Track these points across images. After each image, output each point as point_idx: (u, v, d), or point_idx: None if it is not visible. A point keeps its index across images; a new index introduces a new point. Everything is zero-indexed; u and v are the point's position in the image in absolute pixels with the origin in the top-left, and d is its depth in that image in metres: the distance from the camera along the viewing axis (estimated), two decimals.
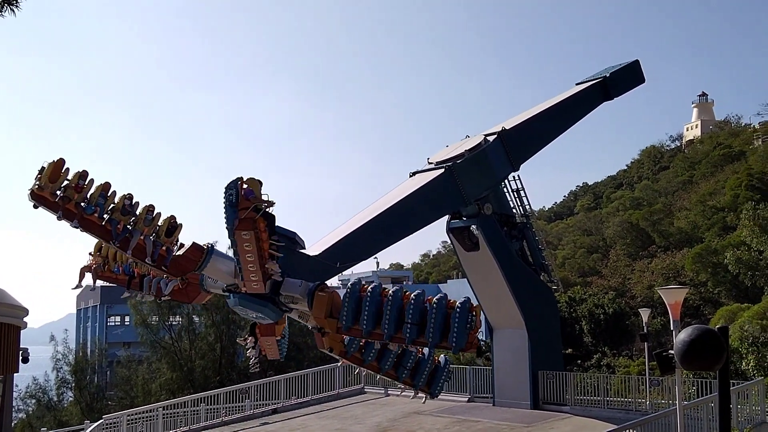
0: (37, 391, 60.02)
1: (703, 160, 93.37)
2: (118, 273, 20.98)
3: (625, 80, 33.23)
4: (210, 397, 34.14)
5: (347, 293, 15.75)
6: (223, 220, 15.29)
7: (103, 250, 20.49)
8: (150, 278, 20.60)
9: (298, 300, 17.19)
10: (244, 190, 15.12)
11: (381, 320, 15.29)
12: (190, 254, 17.59)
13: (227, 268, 17.79)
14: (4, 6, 8.65)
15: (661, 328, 55.03)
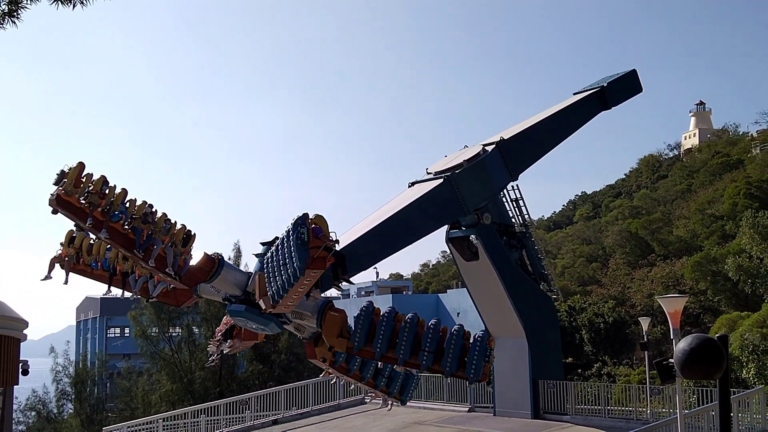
0: (37, 403, 59.97)
1: (701, 168, 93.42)
2: (96, 268, 19.37)
3: (622, 90, 33.33)
4: (210, 409, 34.11)
5: (361, 315, 16.39)
6: (287, 255, 15.12)
7: (76, 240, 18.98)
8: (135, 277, 19.25)
9: (306, 316, 17.30)
10: (313, 229, 15.10)
11: (395, 344, 15.93)
12: (203, 265, 17.54)
13: (235, 279, 17.85)
14: (5, 18, 8.69)
15: (661, 337, 54.92)
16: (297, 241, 14.86)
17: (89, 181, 16.39)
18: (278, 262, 15.42)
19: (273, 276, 15.62)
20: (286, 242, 15.22)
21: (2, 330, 18.30)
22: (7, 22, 8.70)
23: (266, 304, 16.08)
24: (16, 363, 19.37)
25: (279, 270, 15.35)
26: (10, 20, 8.71)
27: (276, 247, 15.78)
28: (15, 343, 19.15)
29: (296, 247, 14.84)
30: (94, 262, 19.12)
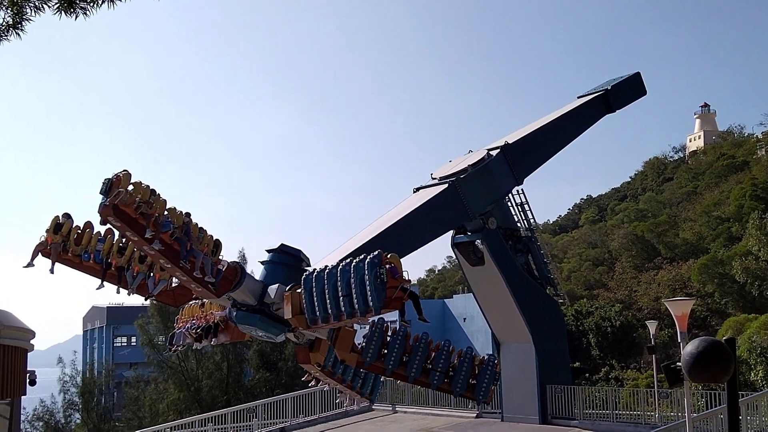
0: (45, 414, 60.00)
1: (706, 170, 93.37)
2: (87, 260, 18.43)
3: (626, 93, 33.31)
4: (217, 417, 34.11)
5: (374, 332, 16.80)
6: (358, 291, 14.96)
7: (64, 228, 18.20)
8: (132, 273, 18.40)
9: (278, 305, 17.35)
10: (390, 269, 14.97)
11: (407, 363, 16.32)
12: (227, 274, 17.52)
13: (253, 288, 17.95)
14: (9, 30, 8.73)
15: (668, 340, 54.77)
16: (375, 281, 14.69)
17: (138, 190, 15.70)
18: (335, 291, 15.25)
19: (321, 301, 15.45)
20: (355, 277, 14.96)
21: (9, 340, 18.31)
22: (11, 34, 8.74)
23: (300, 323, 16.06)
24: (24, 373, 19.37)
25: (334, 299, 15.22)
26: (15, 32, 8.74)
27: (326, 273, 15.55)
28: (22, 353, 19.16)
29: (374, 286, 14.64)
30: (85, 253, 18.48)
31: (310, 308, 15.63)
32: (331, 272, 15.44)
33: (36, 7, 8.60)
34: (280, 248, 19.44)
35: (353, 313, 15.01)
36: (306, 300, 15.73)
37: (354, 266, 14.99)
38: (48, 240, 18.19)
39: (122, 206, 15.33)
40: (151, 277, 18.51)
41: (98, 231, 18.57)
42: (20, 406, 20.56)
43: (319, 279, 15.58)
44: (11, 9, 8.61)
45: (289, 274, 18.76)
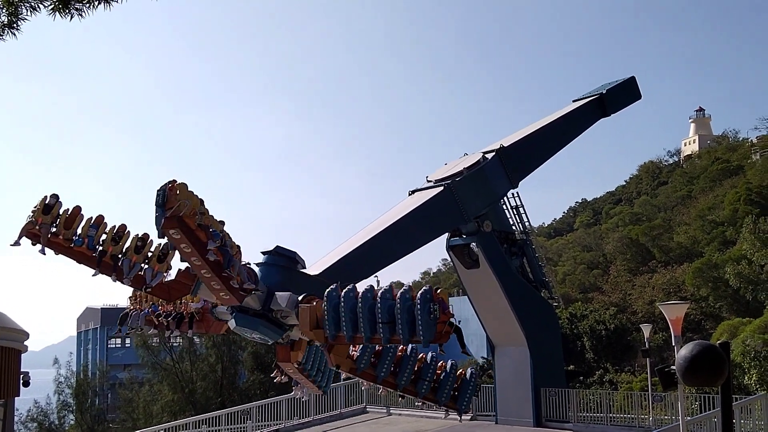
0: (39, 415, 59.89)
1: (701, 175, 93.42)
2: (80, 245, 17.51)
3: (621, 97, 33.39)
4: (211, 419, 34.04)
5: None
6: (403, 321, 15.12)
7: (54, 209, 17.41)
8: (129, 263, 17.65)
9: (287, 314, 17.26)
10: (440, 303, 15.20)
11: (398, 373, 15.86)
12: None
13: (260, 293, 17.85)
14: (4, 29, 8.71)
15: (663, 344, 54.79)
16: (427, 315, 14.91)
17: (195, 201, 15.36)
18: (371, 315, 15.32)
19: (350, 321, 15.45)
20: (401, 307, 15.09)
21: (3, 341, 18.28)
22: (7, 34, 8.72)
23: (317, 337, 16.11)
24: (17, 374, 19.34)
25: (369, 322, 15.25)
26: (10, 32, 8.73)
27: (361, 295, 15.57)
28: (16, 354, 19.13)
29: (426, 320, 14.87)
30: (78, 238, 17.57)
31: (332, 324, 15.68)
32: (365, 296, 15.51)
33: (32, 7, 8.58)
34: (276, 250, 19.41)
35: (391, 340, 15.28)
36: (329, 316, 15.71)
37: (400, 296, 15.16)
38: (37, 220, 17.32)
39: (187, 219, 15.11)
40: (148, 268, 17.86)
41: (90, 216, 17.82)
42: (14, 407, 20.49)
43: (349, 299, 15.60)
44: (7, 9, 8.59)
45: (284, 275, 18.74)
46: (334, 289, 16.02)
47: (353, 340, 15.75)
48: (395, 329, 15.13)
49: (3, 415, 18.93)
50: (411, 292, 15.49)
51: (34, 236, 17.34)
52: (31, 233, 17.33)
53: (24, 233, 17.30)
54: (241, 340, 44.31)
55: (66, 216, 17.47)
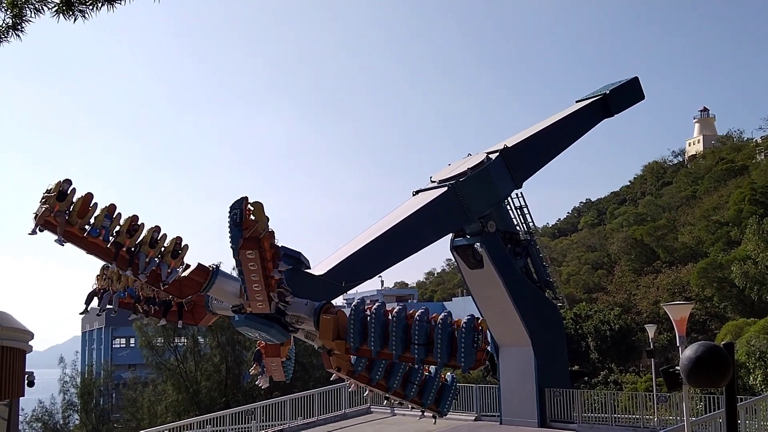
0: (44, 415, 59.96)
1: (705, 175, 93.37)
2: (96, 236, 16.31)
3: (625, 97, 33.38)
4: (216, 419, 34.11)
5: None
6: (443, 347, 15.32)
7: (69, 196, 16.13)
8: (145, 256, 16.64)
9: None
10: (482, 333, 15.56)
11: (388, 340, 15.63)
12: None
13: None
14: (8, 32, 8.73)
15: (667, 344, 54.75)
16: (471, 344, 15.20)
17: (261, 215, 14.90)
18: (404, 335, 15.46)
19: (379, 337, 15.56)
20: (442, 333, 15.35)
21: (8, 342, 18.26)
22: (11, 36, 8.73)
23: (338, 348, 16.06)
24: (22, 375, 19.31)
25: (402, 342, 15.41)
26: (14, 33, 8.74)
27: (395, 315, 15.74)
28: (21, 354, 19.12)
29: (469, 349, 15.20)
30: (93, 228, 16.36)
31: (358, 337, 15.82)
32: (399, 315, 15.67)
33: (36, 9, 8.60)
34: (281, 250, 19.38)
35: (425, 361, 15.59)
36: (355, 329, 15.85)
37: (441, 321, 15.40)
38: (54, 207, 15.90)
39: (264, 240, 14.86)
40: (163, 263, 16.83)
41: (107, 206, 16.52)
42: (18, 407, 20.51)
43: (379, 315, 15.74)
44: (11, 10, 8.61)
45: (289, 276, 18.71)
46: (361, 303, 16.26)
47: (379, 354, 15.96)
48: (432, 351, 15.45)
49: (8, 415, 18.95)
50: (451, 318, 15.78)
51: (51, 225, 16.03)
52: (47, 221, 15.98)
53: (41, 221, 15.91)
54: (245, 340, 44.37)
55: (80, 204, 16.15)
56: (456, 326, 15.64)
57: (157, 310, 18.64)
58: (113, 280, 18.38)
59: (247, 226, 14.76)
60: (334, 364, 17.04)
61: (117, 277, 18.23)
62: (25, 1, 8.57)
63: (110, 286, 18.45)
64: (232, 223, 14.81)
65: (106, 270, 18.31)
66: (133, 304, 18.61)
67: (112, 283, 18.43)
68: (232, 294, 17.59)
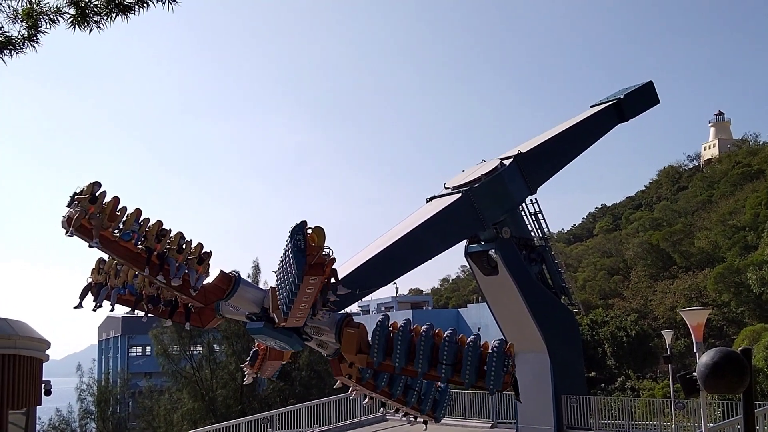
0: (60, 423, 60.28)
1: (721, 179, 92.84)
2: (128, 239, 15.92)
3: (639, 102, 33.26)
4: (231, 427, 34.14)
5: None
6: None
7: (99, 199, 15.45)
8: (175, 261, 16.17)
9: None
10: (512, 358, 15.93)
11: (414, 357, 16.02)
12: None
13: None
14: (24, 42, 8.81)
15: (685, 350, 54.39)
16: (501, 368, 15.66)
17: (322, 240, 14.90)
18: (430, 353, 15.69)
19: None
20: (472, 355, 15.82)
21: (25, 351, 18.36)
22: (26, 46, 8.81)
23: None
24: (39, 383, 19.43)
25: (428, 360, 15.64)
26: (30, 44, 8.82)
27: (422, 334, 16.06)
28: (38, 363, 19.23)
29: (499, 372, 15.62)
30: (126, 232, 15.89)
31: (381, 353, 16.09)
32: (427, 334, 16.00)
33: (51, 20, 8.68)
34: None
35: (451, 380, 15.94)
36: (379, 344, 16.12)
37: (471, 343, 15.75)
38: (89, 209, 15.29)
39: (327, 266, 14.93)
40: (191, 270, 16.45)
41: (135, 209, 16.13)
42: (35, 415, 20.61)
43: (406, 333, 16.07)
44: (26, 22, 8.69)
45: None
46: (386, 319, 16.47)
47: (402, 371, 16.23)
48: (460, 372, 15.80)
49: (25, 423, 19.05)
50: (480, 341, 16.13)
51: (84, 229, 15.42)
52: (81, 225, 15.38)
53: (77, 225, 15.26)
54: None
55: (110, 207, 15.67)
56: (484, 349, 16.10)
57: (163, 309, 18.15)
58: (111, 275, 17.71)
59: (310, 252, 14.85)
60: (344, 372, 17.24)
61: (115, 272, 17.67)
62: (40, 13, 8.65)
63: (108, 281, 17.75)
64: (296, 250, 14.81)
65: (102, 264, 17.77)
66: (134, 302, 17.95)
67: (109, 278, 17.75)
68: (252, 302, 17.61)
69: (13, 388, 17.75)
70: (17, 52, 8.74)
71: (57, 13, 8.64)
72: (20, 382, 18.01)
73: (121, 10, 8.49)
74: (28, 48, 8.81)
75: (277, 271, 16.13)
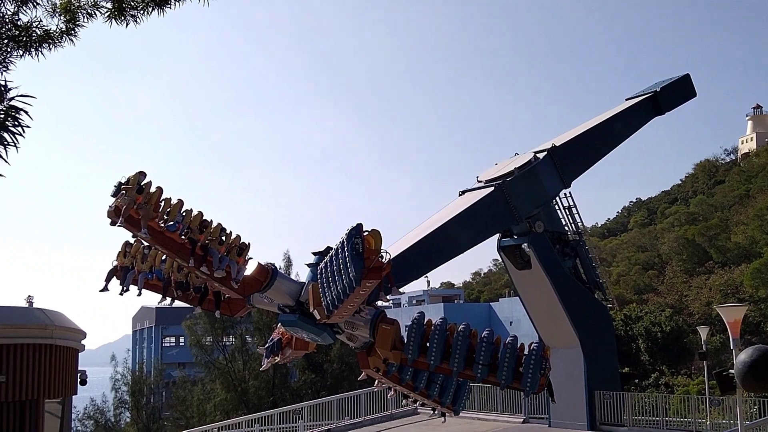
0: (95, 412, 61.09)
1: (759, 173, 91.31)
2: (174, 230, 15.82)
3: (676, 95, 32.79)
4: (264, 418, 34.38)
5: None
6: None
7: (146, 189, 15.48)
8: (218, 253, 16.10)
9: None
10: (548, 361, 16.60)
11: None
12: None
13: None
14: (63, 36, 8.89)
15: (720, 346, 53.69)
16: (538, 371, 16.19)
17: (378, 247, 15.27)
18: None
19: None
20: (509, 355, 16.27)
21: (62, 341, 18.64)
22: (65, 40, 8.89)
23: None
24: (75, 373, 19.72)
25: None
26: (68, 38, 8.89)
27: (461, 333, 16.48)
28: (74, 353, 19.52)
29: (535, 375, 16.15)
30: (171, 223, 15.82)
31: (416, 349, 16.49)
32: (464, 333, 16.49)
33: (88, 14, 8.75)
34: (326, 250, 19.45)
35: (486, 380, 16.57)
36: (415, 341, 16.48)
37: (509, 344, 16.40)
38: (137, 200, 15.18)
39: (384, 270, 15.26)
40: (232, 261, 16.34)
41: (178, 200, 15.97)
42: (71, 405, 20.92)
43: (442, 331, 16.47)
44: (65, 16, 8.77)
45: None
46: (422, 317, 16.77)
47: (437, 369, 16.61)
48: (496, 373, 16.22)
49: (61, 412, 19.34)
50: (517, 343, 16.59)
51: (131, 219, 15.32)
52: (130, 216, 15.29)
53: (126, 215, 15.16)
54: None
55: (155, 197, 15.59)
56: (520, 351, 16.47)
57: (193, 296, 18.16)
58: (137, 259, 17.58)
59: (368, 256, 15.05)
60: (372, 365, 17.46)
61: (142, 256, 17.56)
62: (78, 7, 8.72)
63: (135, 265, 17.61)
64: (354, 253, 14.99)
65: (128, 247, 17.61)
66: (162, 288, 17.88)
67: (136, 262, 17.61)
68: (288, 294, 17.73)
69: (49, 377, 18.03)
70: (56, 46, 8.82)
71: (94, 7, 8.71)
72: (57, 371, 18.29)
73: (158, 4, 8.53)
74: (66, 42, 8.88)
75: (323, 267, 16.13)
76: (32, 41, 8.62)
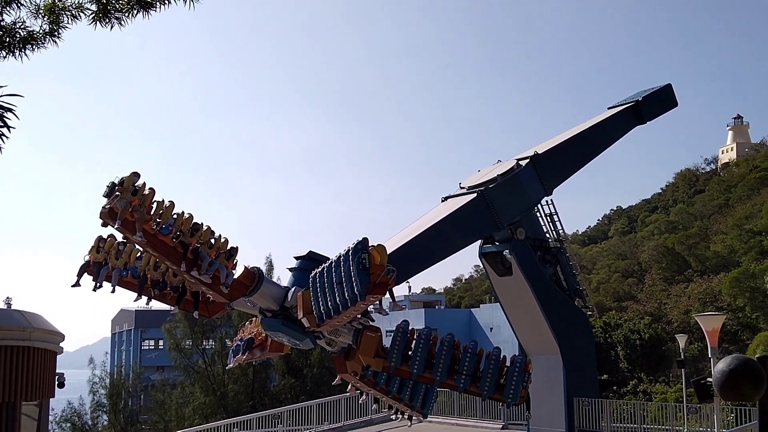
0: (73, 415, 60.58)
1: (739, 183, 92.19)
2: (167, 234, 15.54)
3: (657, 104, 33.06)
4: (243, 422, 34.27)
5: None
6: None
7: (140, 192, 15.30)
8: (207, 256, 15.88)
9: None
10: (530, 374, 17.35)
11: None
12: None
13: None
14: (46, 38, 8.86)
15: (698, 354, 54.03)
16: (521, 383, 16.68)
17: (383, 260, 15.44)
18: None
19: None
20: (493, 367, 16.71)
21: (39, 343, 18.45)
22: (48, 42, 8.86)
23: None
24: (53, 376, 19.54)
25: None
26: (52, 40, 8.86)
27: (444, 343, 16.79)
28: (52, 356, 19.31)
29: (517, 387, 16.63)
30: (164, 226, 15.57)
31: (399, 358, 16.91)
32: (449, 345, 16.78)
33: (72, 15, 8.72)
34: (309, 255, 19.45)
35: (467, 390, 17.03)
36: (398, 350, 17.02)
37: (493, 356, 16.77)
38: (132, 202, 14.99)
39: (389, 286, 15.38)
40: (221, 265, 16.21)
41: (170, 202, 15.81)
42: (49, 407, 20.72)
43: (426, 341, 16.80)
44: (48, 17, 8.73)
45: None
46: (406, 325, 16.97)
47: (419, 378, 16.89)
48: (478, 384, 16.56)
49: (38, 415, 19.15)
50: (500, 354, 17.00)
51: (128, 222, 15.13)
52: (126, 219, 15.11)
53: (123, 217, 14.93)
54: None
55: (148, 200, 15.41)
56: (502, 363, 16.69)
57: (172, 296, 18.05)
58: (111, 255, 17.36)
59: (374, 271, 15.01)
60: (350, 369, 17.56)
61: (116, 252, 17.33)
62: (62, 8, 8.69)
63: (108, 261, 17.37)
64: (360, 267, 15.01)
65: (102, 242, 17.41)
66: (138, 286, 17.67)
67: (109, 258, 17.38)
68: (272, 298, 17.72)
69: (27, 379, 17.82)
70: (39, 48, 8.78)
71: (79, 8, 8.68)
72: (34, 373, 18.09)
73: (143, 7, 8.52)
74: (49, 43, 8.85)
75: (317, 275, 16.11)
76: (16, 42, 8.58)
